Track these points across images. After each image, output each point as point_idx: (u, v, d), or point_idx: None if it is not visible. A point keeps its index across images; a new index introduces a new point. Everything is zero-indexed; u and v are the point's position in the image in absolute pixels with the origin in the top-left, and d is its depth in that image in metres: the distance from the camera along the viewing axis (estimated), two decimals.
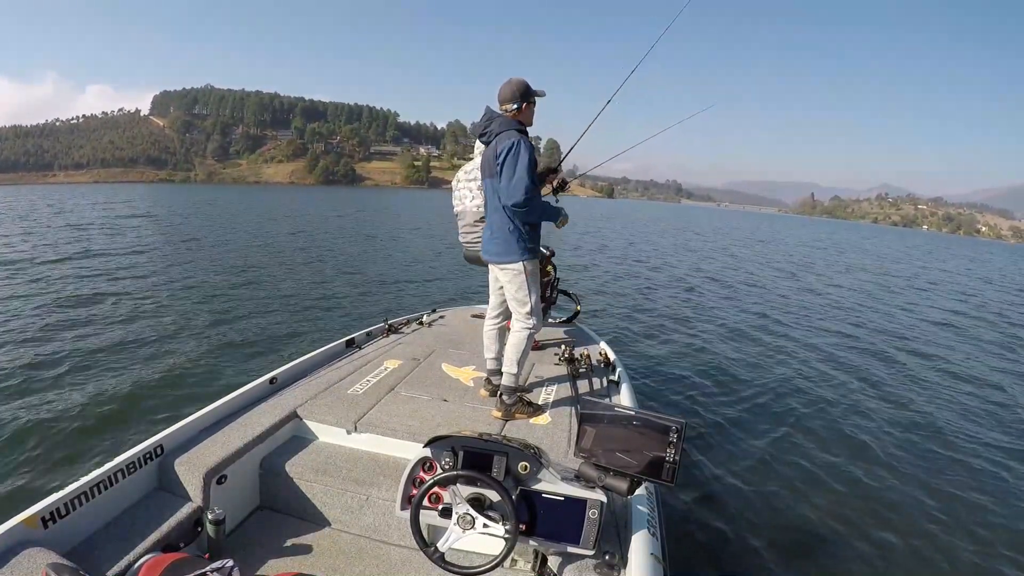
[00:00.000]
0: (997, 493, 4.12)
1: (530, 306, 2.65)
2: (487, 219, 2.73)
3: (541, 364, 3.36)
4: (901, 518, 3.68)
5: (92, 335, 6.53)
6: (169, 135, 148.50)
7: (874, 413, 5.54)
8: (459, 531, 1.63)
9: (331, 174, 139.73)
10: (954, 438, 5.08)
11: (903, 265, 26.41)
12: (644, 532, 1.70)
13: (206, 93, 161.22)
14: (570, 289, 4.65)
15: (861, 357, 7.79)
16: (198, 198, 44.54)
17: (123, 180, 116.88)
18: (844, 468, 4.30)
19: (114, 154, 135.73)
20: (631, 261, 17.94)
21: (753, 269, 18.24)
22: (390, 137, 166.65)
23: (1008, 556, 3.36)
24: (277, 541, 2.05)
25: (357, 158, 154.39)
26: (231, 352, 6.18)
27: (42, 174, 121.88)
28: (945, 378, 7.16)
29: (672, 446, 1.52)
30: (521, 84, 2.56)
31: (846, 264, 23.62)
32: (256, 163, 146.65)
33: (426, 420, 2.48)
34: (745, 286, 14.05)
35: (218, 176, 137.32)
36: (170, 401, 4.75)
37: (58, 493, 1.71)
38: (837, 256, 27.94)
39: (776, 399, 5.70)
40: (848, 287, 15.64)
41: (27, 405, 4.51)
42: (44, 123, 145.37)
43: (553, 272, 4.06)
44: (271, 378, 2.76)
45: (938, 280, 20.66)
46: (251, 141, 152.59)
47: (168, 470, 2.03)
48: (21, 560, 1.47)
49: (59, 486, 1.77)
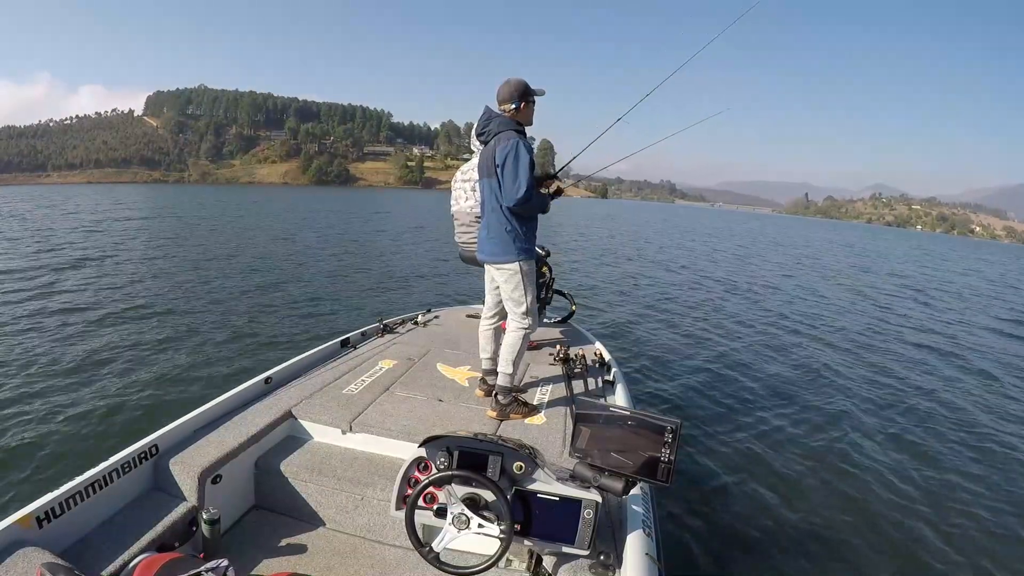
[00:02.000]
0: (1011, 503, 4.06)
1: (526, 306, 2.66)
2: (484, 219, 2.73)
3: (536, 364, 3.37)
4: (898, 517, 3.71)
5: (84, 336, 6.49)
6: (163, 135, 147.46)
7: (873, 414, 5.57)
8: (454, 531, 1.63)
9: (324, 174, 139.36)
10: (962, 445, 5.01)
11: (925, 268, 26.10)
12: (639, 532, 1.71)
13: (200, 93, 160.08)
14: (565, 289, 4.66)
15: (859, 358, 7.83)
16: (191, 199, 44.26)
17: (116, 181, 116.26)
18: (841, 468, 4.32)
19: (107, 154, 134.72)
20: (627, 261, 17.98)
21: (751, 270, 18.31)
22: (384, 137, 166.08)
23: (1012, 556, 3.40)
24: (272, 541, 2.05)
25: (351, 158, 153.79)
26: (226, 352, 6.16)
27: (35, 175, 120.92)
28: (952, 374, 7.22)
29: (667, 446, 1.53)
30: (520, 84, 2.57)
31: (850, 264, 23.77)
32: (250, 163, 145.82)
33: (421, 420, 2.48)
34: (746, 287, 14.10)
35: (212, 176, 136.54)
36: (165, 401, 4.73)
37: (52, 493, 1.71)
38: (839, 255, 28.15)
39: (773, 400, 5.73)
40: (851, 287, 15.74)
41: (21, 405, 4.48)
42: (37, 123, 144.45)
43: (548, 273, 4.07)
44: (266, 378, 2.75)
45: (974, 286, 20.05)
46: (245, 141, 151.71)
47: (163, 470, 2.02)
48: (15, 560, 1.47)
49: (54, 486, 1.76)
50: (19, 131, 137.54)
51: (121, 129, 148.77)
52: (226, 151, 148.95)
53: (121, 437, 3.99)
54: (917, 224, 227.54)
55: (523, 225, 2.60)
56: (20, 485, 3.41)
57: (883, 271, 22.34)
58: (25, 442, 3.92)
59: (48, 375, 5.15)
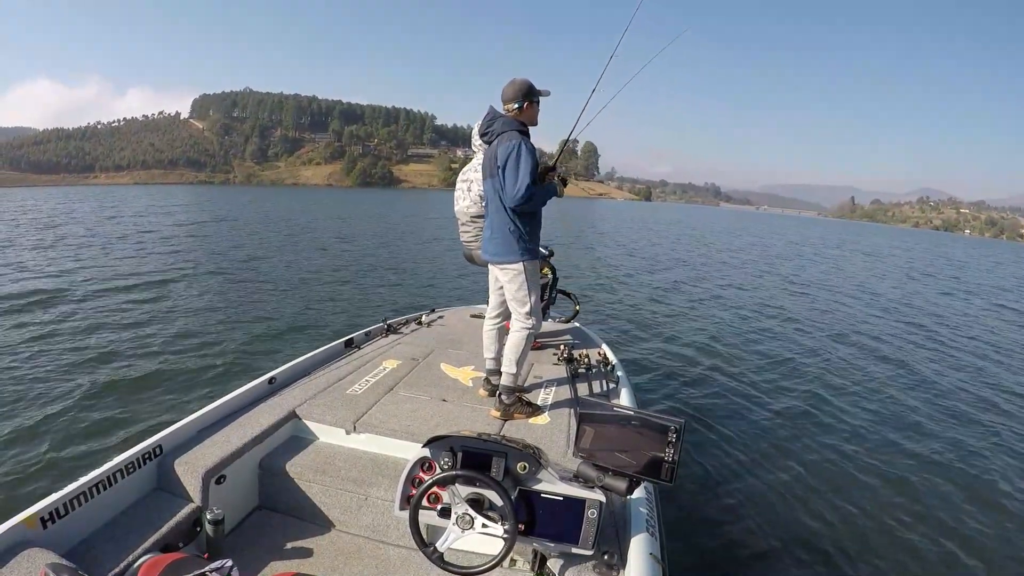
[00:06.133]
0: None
1: (529, 306, 2.66)
2: (487, 219, 2.73)
3: (540, 364, 3.36)
4: (904, 519, 3.68)
5: (90, 336, 6.51)
6: (208, 137, 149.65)
7: (875, 416, 5.53)
8: (458, 531, 1.63)
9: (368, 176, 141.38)
10: (973, 451, 4.91)
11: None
12: (643, 532, 1.70)
13: (245, 96, 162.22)
14: (569, 289, 4.66)
15: (865, 360, 7.79)
16: (229, 199, 44.18)
17: (163, 182, 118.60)
18: (845, 470, 4.30)
19: (154, 156, 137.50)
20: (631, 261, 17.95)
21: (760, 274, 18.24)
22: (427, 140, 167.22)
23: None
24: (276, 541, 2.05)
25: (394, 160, 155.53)
26: (230, 352, 6.17)
27: (83, 175, 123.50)
28: (962, 374, 7.17)
29: (671, 446, 1.52)
30: (524, 84, 2.58)
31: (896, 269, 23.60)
32: (294, 165, 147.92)
33: (425, 420, 2.48)
34: (749, 288, 14.06)
35: (256, 178, 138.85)
36: (169, 401, 4.74)
37: (57, 493, 1.71)
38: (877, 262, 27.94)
39: (777, 400, 5.70)
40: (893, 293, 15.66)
41: (25, 405, 4.50)
42: (85, 126, 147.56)
43: (551, 273, 4.06)
44: (270, 378, 2.76)
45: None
46: (289, 143, 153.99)
47: (167, 470, 2.03)
48: (20, 560, 1.47)
49: (58, 486, 1.77)
50: (67, 133, 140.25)
51: (168, 131, 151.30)
52: (271, 153, 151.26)
53: (125, 437, 4.01)
54: (965, 228, 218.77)
55: (526, 225, 2.60)
56: (25, 485, 3.42)
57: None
58: (28, 442, 3.93)
59: (50, 375, 5.17)
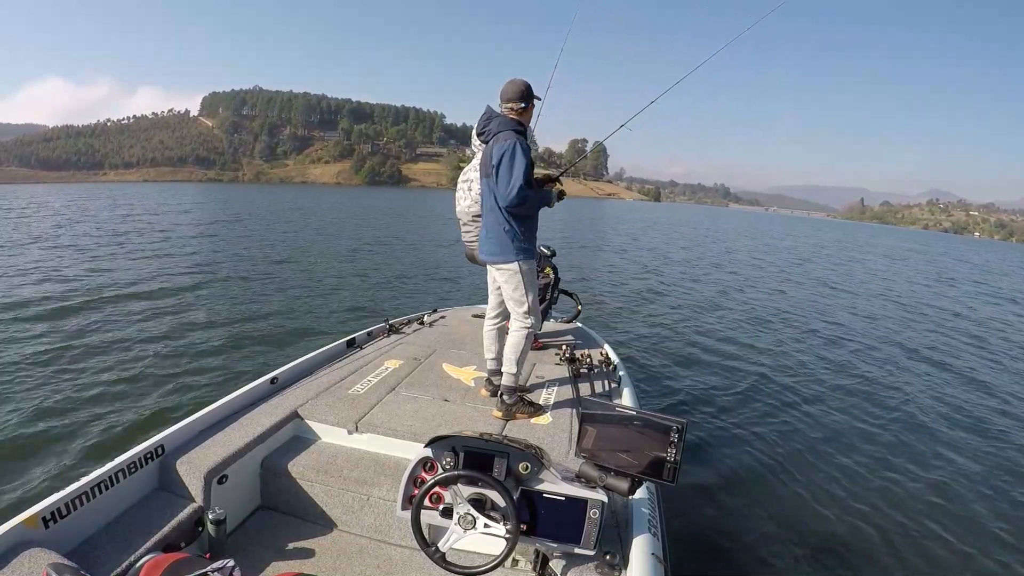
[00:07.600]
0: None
1: (527, 306, 2.65)
2: (483, 219, 2.73)
3: (542, 364, 3.36)
4: (907, 519, 3.67)
5: (91, 335, 6.52)
6: (217, 135, 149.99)
7: (877, 416, 5.51)
8: (460, 531, 1.62)
9: (377, 175, 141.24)
10: (976, 450, 4.92)
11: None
12: (645, 532, 1.70)
13: (254, 94, 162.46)
14: (571, 289, 4.65)
15: (864, 359, 7.78)
16: (239, 197, 44.22)
17: (172, 179, 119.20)
18: (848, 469, 4.29)
19: (163, 154, 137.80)
20: (635, 261, 17.93)
21: (760, 275, 18.21)
22: (436, 138, 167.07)
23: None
24: (278, 541, 2.05)
25: (403, 159, 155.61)
26: (232, 352, 6.18)
27: (92, 172, 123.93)
28: (954, 377, 7.15)
29: (673, 446, 1.51)
30: (526, 84, 2.60)
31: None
32: (303, 163, 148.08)
33: (427, 420, 2.48)
34: (750, 289, 14.04)
35: (265, 176, 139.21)
36: (171, 401, 4.75)
37: (59, 493, 1.71)
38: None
39: (779, 400, 5.69)
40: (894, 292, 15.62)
41: (27, 405, 4.50)
42: (95, 123, 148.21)
43: (553, 273, 4.06)
44: (272, 378, 2.76)
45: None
46: (298, 142, 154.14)
47: (169, 470, 2.03)
48: (22, 560, 1.47)
49: (60, 486, 1.77)
50: (77, 130, 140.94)
51: (177, 129, 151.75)
52: (280, 151, 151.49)
53: (127, 437, 4.01)
54: (975, 231, 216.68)
55: (521, 225, 2.59)
56: (26, 485, 3.42)
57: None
58: (31, 442, 3.94)
59: (52, 375, 5.17)
